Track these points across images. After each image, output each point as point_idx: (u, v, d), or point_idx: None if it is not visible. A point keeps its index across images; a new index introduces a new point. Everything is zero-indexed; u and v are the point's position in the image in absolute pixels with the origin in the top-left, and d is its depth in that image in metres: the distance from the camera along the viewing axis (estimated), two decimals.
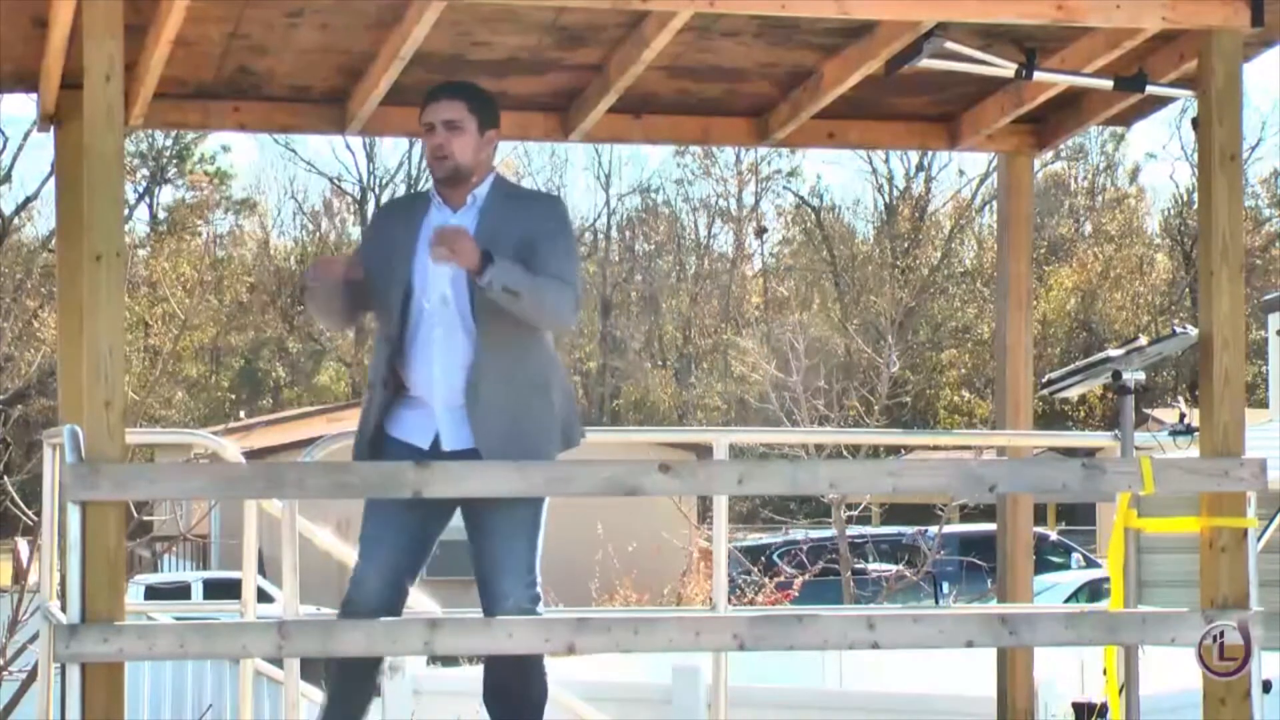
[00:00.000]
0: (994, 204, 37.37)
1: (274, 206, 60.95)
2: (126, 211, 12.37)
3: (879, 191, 59.85)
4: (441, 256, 6.05)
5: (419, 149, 51.82)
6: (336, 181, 59.39)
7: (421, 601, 8.06)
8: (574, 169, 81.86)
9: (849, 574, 24.83)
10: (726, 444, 7.88)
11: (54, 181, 7.93)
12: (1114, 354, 6.94)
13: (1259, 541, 6.73)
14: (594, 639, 6.24)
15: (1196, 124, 6.72)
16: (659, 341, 59.43)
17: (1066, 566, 32.96)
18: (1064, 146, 52.14)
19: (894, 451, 26.44)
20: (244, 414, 49.39)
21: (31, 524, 12.03)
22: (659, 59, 7.35)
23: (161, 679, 11.85)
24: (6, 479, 13.18)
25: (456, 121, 6.27)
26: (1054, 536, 35.85)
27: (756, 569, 22.22)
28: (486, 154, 6.34)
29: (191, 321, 50.02)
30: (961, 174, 59.82)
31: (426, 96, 6.38)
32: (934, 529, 24.83)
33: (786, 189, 60.80)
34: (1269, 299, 27.90)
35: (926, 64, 6.99)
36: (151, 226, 58.86)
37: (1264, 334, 32.89)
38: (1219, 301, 6.59)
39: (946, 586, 26.36)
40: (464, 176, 6.29)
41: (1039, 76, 7.19)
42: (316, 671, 6.64)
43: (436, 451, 6.22)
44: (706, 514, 22.56)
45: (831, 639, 6.47)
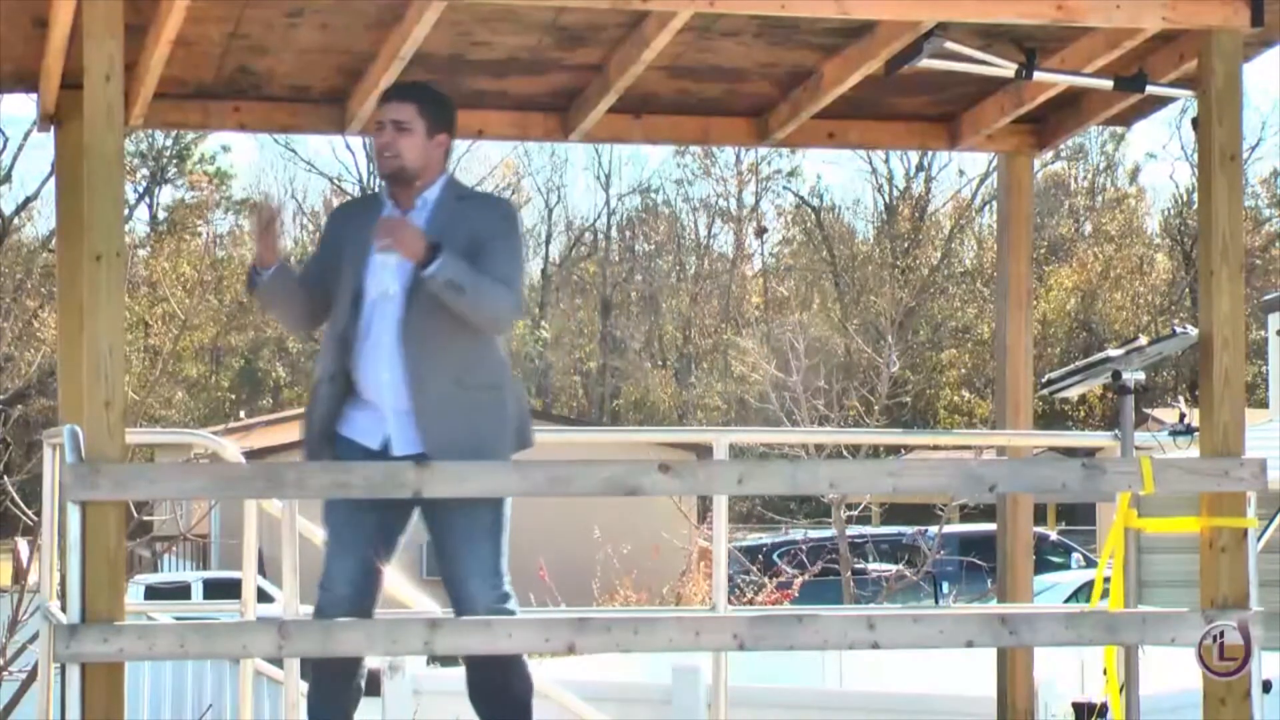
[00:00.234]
0: (994, 204, 37.39)
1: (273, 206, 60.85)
2: (126, 211, 12.35)
3: (879, 191, 59.92)
4: (385, 247, 6.10)
5: None
6: (336, 181, 59.41)
7: (421, 601, 8.07)
8: (574, 169, 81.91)
9: (849, 574, 24.82)
10: (726, 444, 7.88)
11: (54, 181, 7.92)
12: (1114, 354, 6.94)
13: (1259, 541, 6.73)
14: (594, 639, 6.24)
15: (1196, 124, 6.72)
16: (659, 341, 59.43)
17: (1066, 566, 32.91)
18: (1064, 146, 52.12)
19: (894, 451, 26.43)
20: (244, 414, 49.37)
21: (31, 524, 12.02)
22: (659, 59, 7.35)
23: (161, 679, 11.83)
24: (6, 479, 13.15)
25: (404, 123, 6.33)
26: (1054, 536, 35.81)
27: (756, 569, 22.20)
28: (436, 156, 6.38)
29: (191, 321, 49.97)
30: (961, 174, 59.92)
31: (380, 96, 6.48)
32: (934, 529, 24.80)
33: (786, 189, 60.85)
34: (1269, 299, 27.91)
35: (926, 64, 6.98)
36: (151, 226, 58.88)
37: (1264, 334, 32.89)
38: (1219, 301, 6.59)
39: (946, 586, 26.34)
40: (409, 177, 6.34)
41: (1039, 76, 7.19)
42: None
43: (387, 454, 6.24)
44: (706, 514, 22.54)
45: (831, 639, 6.47)
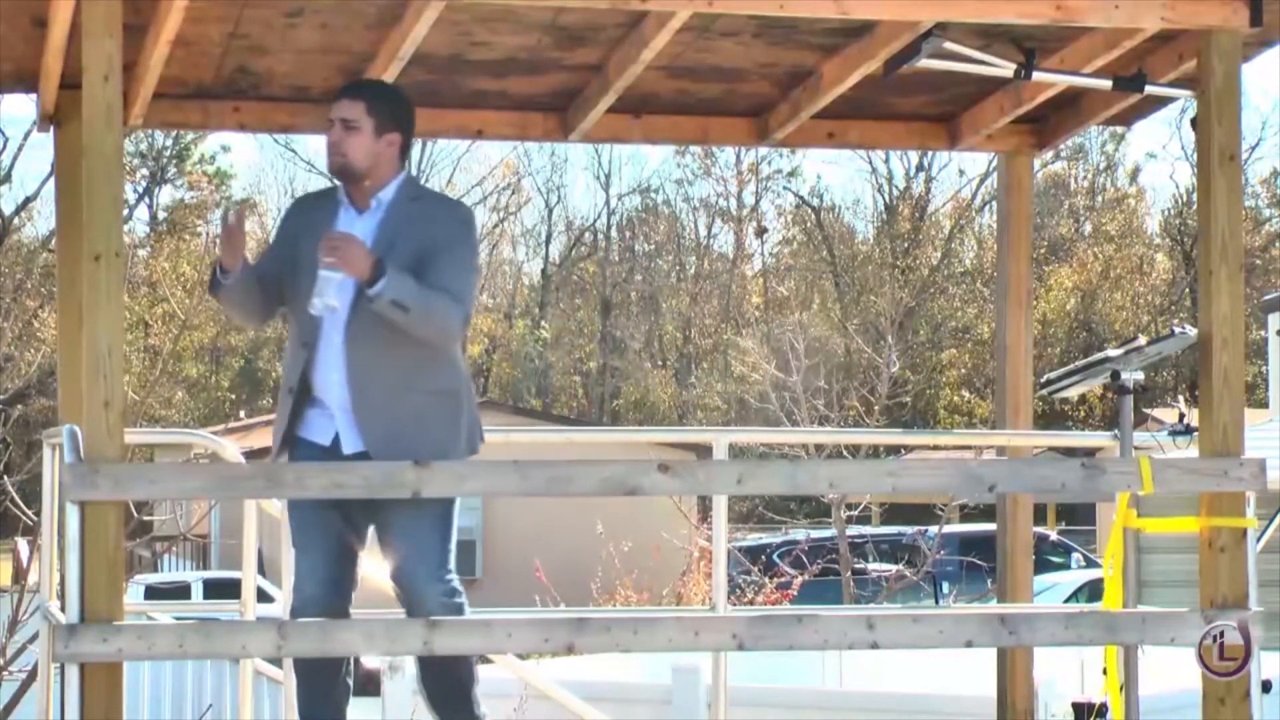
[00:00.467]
0: (994, 204, 37.41)
1: (274, 206, 60.95)
2: (126, 211, 12.37)
3: (879, 191, 59.90)
4: (331, 264, 6.09)
5: (418, 149, 51.87)
6: (336, 181, 59.29)
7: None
8: (574, 169, 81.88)
9: (849, 574, 24.82)
10: (726, 444, 7.89)
11: (54, 181, 7.92)
12: (1113, 354, 6.93)
13: (1259, 541, 6.73)
14: (594, 639, 6.24)
15: (1196, 124, 6.72)
16: (659, 341, 59.41)
17: (1066, 566, 32.92)
18: (1064, 146, 52.12)
19: (894, 451, 26.42)
20: (244, 414, 49.34)
21: (31, 524, 12.03)
22: (658, 59, 7.35)
23: (161, 679, 11.82)
24: (6, 479, 13.16)
25: (352, 121, 6.33)
26: (1054, 536, 35.81)
27: (756, 569, 22.19)
28: (387, 155, 6.37)
29: (191, 321, 49.93)
30: (961, 174, 59.89)
31: (335, 93, 6.49)
32: (934, 529, 24.80)
33: (786, 189, 60.82)
34: (1269, 299, 27.92)
35: (926, 64, 6.98)
36: (151, 226, 58.84)
37: (1264, 334, 32.88)
38: (1219, 301, 6.59)
39: (946, 586, 26.34)
40: (356, 175, 6.35)
41: (1038, 76, 7.18)
42: None
43: (336, 452, 6.26)
44: (707, 514, 22.54)
45: (831, 639, 6.47)
